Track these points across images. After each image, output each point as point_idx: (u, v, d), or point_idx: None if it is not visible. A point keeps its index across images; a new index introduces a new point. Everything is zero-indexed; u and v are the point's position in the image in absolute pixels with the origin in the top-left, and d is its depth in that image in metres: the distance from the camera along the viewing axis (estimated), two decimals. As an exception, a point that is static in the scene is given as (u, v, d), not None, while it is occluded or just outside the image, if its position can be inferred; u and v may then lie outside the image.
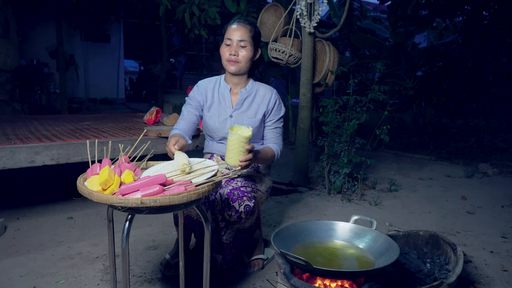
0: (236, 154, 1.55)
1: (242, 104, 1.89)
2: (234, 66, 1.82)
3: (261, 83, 1.98)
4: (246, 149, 1.55)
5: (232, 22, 1.85)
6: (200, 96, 1.92)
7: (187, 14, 5.01)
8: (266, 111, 1.91)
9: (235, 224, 1.76)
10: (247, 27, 1.81)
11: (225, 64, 1.85)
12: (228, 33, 1.81)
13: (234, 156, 1.56)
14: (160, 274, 1.95)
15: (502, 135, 6.56)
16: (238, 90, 1.91)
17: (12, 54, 5.92)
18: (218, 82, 1.95)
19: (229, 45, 1.81)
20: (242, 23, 1.83)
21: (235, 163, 1.57)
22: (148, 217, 2.72)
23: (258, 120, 1.88)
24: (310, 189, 3.60)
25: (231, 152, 1.56)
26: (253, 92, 1.92)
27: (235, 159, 1.56)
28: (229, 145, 1.56)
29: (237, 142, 1.53)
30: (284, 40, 3.59)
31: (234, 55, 1.79)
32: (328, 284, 1.40)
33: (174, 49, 11.60)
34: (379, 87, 3.32)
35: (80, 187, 1.14)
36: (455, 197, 3.47)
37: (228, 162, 1.59)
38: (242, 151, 1.55)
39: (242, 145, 1.54)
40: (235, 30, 1.80)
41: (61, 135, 2.67)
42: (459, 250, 1.70)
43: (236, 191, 1.73)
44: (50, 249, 2.21)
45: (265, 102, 1.91)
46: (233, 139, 1.55)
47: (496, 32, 5.85)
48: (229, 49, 1.80)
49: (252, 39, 1.81)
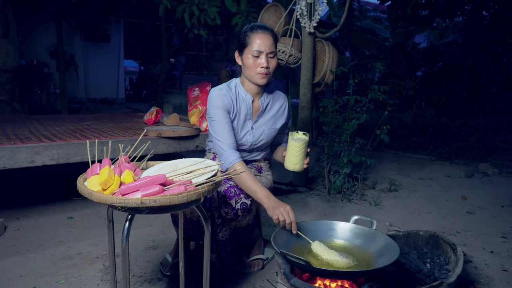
0: (302, 158, 1.68)
1: (263, 116, 1.86)
2: (265, 78, 1.71)
3: (273, 90, 1.93)
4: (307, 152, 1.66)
5: (255, 30, 1.70)
6: (228, 104, 1.76)
7: (187, 14, 5.01)
8: (284, 124, 1.94)
9: (232, 221, 1.76)
10: (272, 35, 1.71)
11: (253, 76, 1.71)
12: (255, 44, 1.67)
13: (301, 161, 1.68)
14: (160, 274, 1.95)
15: (502, 135, 6.56)
16: (258, 100, 1.84)
17: (12, 54, 5.92)
18: (236, 91, 1.81)
19: (257, 57, 1.68)
20: (267, 31, 1.70)
21: (301, 167, 1.69)
22: (148, 217, 2.72)
23: (276, 130, 1.90)
24: (310, 189, 3.60)
25: (297, 157, 1.67)
26: (270, 101, 1.87)
27: (302, 163, 1.68)
28: (295, 151, 1.66)
29: (304, 147, 1.65)
30: (284, 40, 3.59)
31: (267, 68, 1.69)
32: (328, 284, 1.40)
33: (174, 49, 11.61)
34: (379, 87, 3.32)
35: (80, 187, 1.14)
36: (455, 197, 3.47)
37: (294, 168, 1.70)
38: (305, 155, 1.68)
39: (304, 150, 1.66)
40: (263, 40, 1.67)
41: (61, 135, 2.67)
42: (459, 250, 1.70)
43: (233, 189, 1.73)
44: (50, 249, 2.21)
45: (280, 112, 1.91)
46: (299, 145, 1.64)
47: (496, 32, 5.85)
48: (260, 62, 1.68)
49: (275, 47, 1.74)
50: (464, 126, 7.06)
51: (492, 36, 5.89)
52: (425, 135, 6.48)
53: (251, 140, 1.84)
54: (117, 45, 12.07)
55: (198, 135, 2.84)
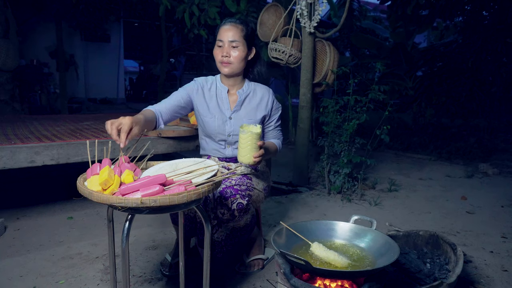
0: (250, 151, 1.61)
1: (241, 106, 1.89)
2: (227, 67, 1.80)
3: (257, 83, 1.98)
4: (258, 145, 1.60)
5: (224, 23, 1.82)
6: (195, 91, 1.88)
7: (187, 14, 5.01)
8: (266, 114, 1.93)
9: (229, 222, 1.75)
10: (238, 27, 1.79)
11: (218, 66, 1.83)
12: (220, 34, 1.79)
13: (248, 153, 1.61)
14: (160, 274, 1.94)
15: (502, 135, 6.56)
16: (235, 91, 1.91)
17: (12, 54, 5.92)
18: (215, 83, 1.93)
19: (220, 47, 1.79)
20: (233, 23, 1.80)
21: (249, 160, 1.62)
22: (148, 217, 2.72)
23: (257, 121, 1.90)
24: (310, 189, 3.60)
25: (245, 149, 1.61)
26: (250, 93, 1.92)
27: (249, 156, 1.61)
28: (242, 143, 1.61)
29: (250, 139, 1.59)
30: (284, 40, 3.59)
31: (226, 57, 1.78)
32: (328, 284, 1.40)
33: (174, 49, 11.61)
34: (379, 87, 3.32)
35: (80, 187, 1.14)
36: (455, 197, 3.47)
37: (242, 160, 1.64)
38: (255, 147, 1.61)
39: (254, 142, 1.60)
40: (226, 31, 1.78)
41: (61, 135, 2.67)
42: (459, 250, 1.70)
43: (229, 189, 1.73)
44: (50, 249, 2.21)
45: (263, 104, 1.92)
46: (245, 136, 1.59)
47: (496, 32, 5.85)
48: (221, 51, 1.79)
49: (244, 38, 1.80)
50: (464, 126, 7.06)
51: (492, 36, 5.89)
52: (425, 135, 6.48)
53: (228, 129, 1.87)
54: (117, 45, 12.07)
55: (198, 135, 2.84)
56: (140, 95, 14.76)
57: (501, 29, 5.80)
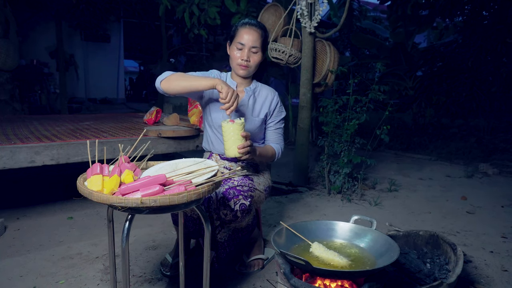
0: (233, 142, 1.57)
1: (248, 102, 1.91)
2: (244, 70, 1.82)
3: (262, 84, 2.00)
4: (242, 136, 1.57)
5: (244, 24, 1.81)
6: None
7: (187, 14, 5.01)
8: (268, 112, 1.95)
9: (231, 223, 1.76)
10: (259, 32, 1.80)
11: (234, 67, 1.84)
12: (240, 37, 1.78)
13: (233, 145, 1.58)
14: (160, 274, 1.94)
15: (502, 135, 6.55)
16: (243, 88, 1.93)
17: (12, 54, 5.92)
18: (225, 78, 1.95)
19: (240, 49, 1.79)
20: (255, 27, 1.80)
21: (234, 152, 1.59)
22: (148, 217, 2.72)
23: (260, 120, 1.92)
24: (310, 189, 3.60)
25: (228, 142, 1.58)
26: (256, 91, 1.95)
27: (234, 147, 1.58)
28: (225, 136, 1.59)
29: (233, 129, 1.56)
30: (284, 40, 3.59)
31: (246, 61, 1.79)
32: (328, 284, 1.40)
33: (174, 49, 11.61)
34: (379, 87, 3.32)
35: (80, 187, 1.14)
36: (455, 197, 3.47)
37: (227, 153, 1.61)
38: (239, 139, 1.57)
39: (237, 133, 1.56)
40: (248, 34, 1.77)
41: (61, 135, 2.67)
42: (459, 250, 1.70)
43: (232, 190, 1.73)
44: (50, 249, 2.21)
45: (267, 102, 1.95)
46: (227, 126, 1.57)
47: (496, 32, 5.86)
48: (241, 54, 1.79)
49: (262, 43, 1.82)
50: (464, 126, 7.06)
51: (492, 36, 5.89)
52: (425, 135, 6.48)
53: None
54: (117, 45, 12.07)
55: (198, 135, 2.84)
56: (140, 95, 14.77)
57: (500, 29, 5.80)
